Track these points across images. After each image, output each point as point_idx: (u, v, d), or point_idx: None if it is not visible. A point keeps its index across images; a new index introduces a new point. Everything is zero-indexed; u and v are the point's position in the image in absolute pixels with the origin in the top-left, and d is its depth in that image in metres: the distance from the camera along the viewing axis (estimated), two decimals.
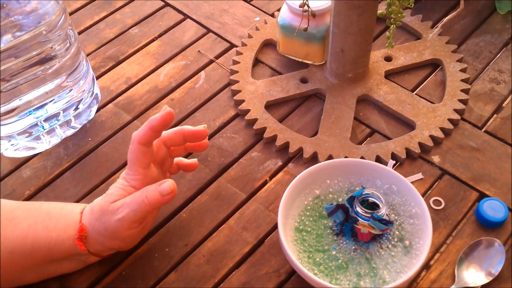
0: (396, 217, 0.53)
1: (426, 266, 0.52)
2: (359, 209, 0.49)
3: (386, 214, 0.51)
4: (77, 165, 0.62)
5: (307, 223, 0.53)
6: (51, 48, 0.57)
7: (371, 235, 0.50)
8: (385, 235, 0.51)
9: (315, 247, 0.51)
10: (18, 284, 0.51)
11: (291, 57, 0.70)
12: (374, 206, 0.51)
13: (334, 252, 0.51)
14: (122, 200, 0.48)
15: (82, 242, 0.48)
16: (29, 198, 0.59)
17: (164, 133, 0.52)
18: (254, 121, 0.64)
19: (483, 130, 0.63)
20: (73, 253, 0.49)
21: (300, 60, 0.70)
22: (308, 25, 0.62)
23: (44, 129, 0.62)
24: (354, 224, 0.50)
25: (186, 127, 0.52)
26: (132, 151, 0.49)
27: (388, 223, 0.49)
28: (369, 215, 0.49)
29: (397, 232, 0.52)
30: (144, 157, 0.49)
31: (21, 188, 0.60)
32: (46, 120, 0.62)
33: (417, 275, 0.52)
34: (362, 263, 0.50)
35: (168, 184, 0.48)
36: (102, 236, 0.48)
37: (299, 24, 0.63)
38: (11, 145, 0.61)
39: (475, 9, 0.74)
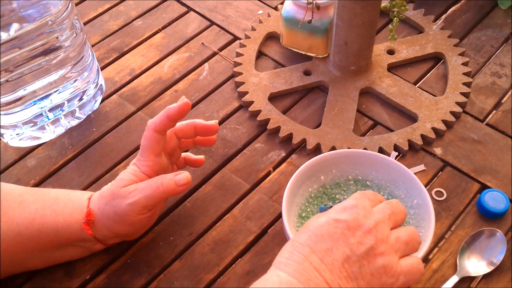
0: None
1: (428, 256, 0.53)
2: None
3: None
4: (81, 155, 0.62)
5: (309, 210, 0.54)
6: (57, 38, 0.57)
7: None
8: None
9: None
10: (23, 269, 0.51)
11: (294, 50, 0.70)
12: None
13: None
14: (135, 185, 0.49)
15: (89, 226, 0.49)
16: (34, 187, 0.60)
17: (176, 124, 0.52)
18: (257, 112, 0.64)
19: (484, 122, 0.64)
20: (79, 238, 0.50)
21: (303, 52, 0.70)
22: (312, 17, 0.63)
23: (49, 119, 0.63)
24: None
25: (198, 121, 0.53)
26: (147, 137, 0.50)
27: None
28: None
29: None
30: (157, 144, 0.50)
31: (26, 178, 0.60)
32: (50, 110, 0.62)
33: None
34: None
35: (185, 175, 0.49)
36: (111, 220, 0.49)
37: (303, 17, 0.64)
38: (16, 134, 0.62)
39: (477, 3, 0.75)
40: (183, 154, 0.57)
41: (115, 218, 0.48)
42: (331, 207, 0.47)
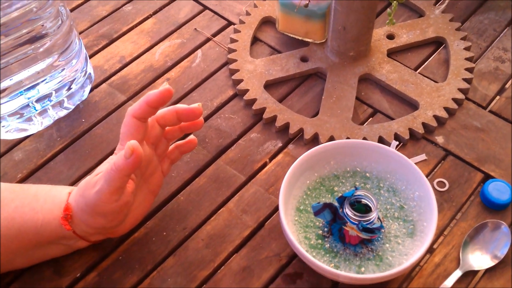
0: (399, 199, 0.51)
1: (430, 249, 0.51)
2: (348, 211, 0.47)
3: (378, 218, 0.48)
4: (70, 147, 0.60)
5: (307, 202, 0.52)
6: (42, 26, 0.55)
7: (359, 238, 0.48)
8: (378, 234, 0.48)
9: (315, 228, 0.50)
10: (9, 268, 0.49)
11: (291, 35, 0.68)
12: (367, 207, 0.48)
13: None
14: (102, 173, 0.46)
15: (67, 221, 0.46)
16: (21, 181, 0.57)
17: (158, 112, 0.50)
18: (253, 101, 0.62)
19: (487, 109, 0.61)
20: (60, 235, 0.47)
21: (300, 38, 0.67)
22: (309, 1, 0.60)
23: (36, 110, 0.60)
24: (343, 225, 0.48)
25: (179, 106, 0.50)
26: (126, 123, 0.47)
27: (376, 230, 0.47)
28: (357, 221, 0.46)
29: (401, 214, 0.50)
30: (136, 131, 0.47)
31: (13, 171, 0.58)
32: (38, 101, 0.60)
33: (421, 258, 0.51)
34: (364, 247, 0.49)
35: (127, 145, 0.44)
36: (85, 213, 0.46)
37: (299, 1, 0.61)
38: (2, 126, 0.59)
39: None
40: (174, 145, 0.54)
41: (87, 210, 0.46)
42: (323, 204, 0.45)
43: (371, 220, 0.47)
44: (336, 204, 0.48)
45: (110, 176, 0.45)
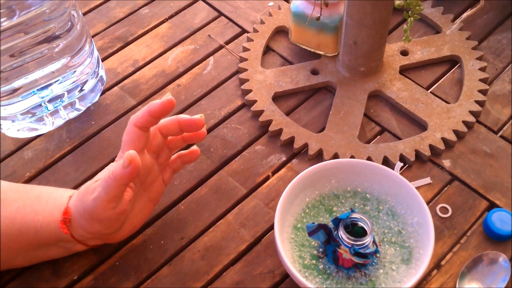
0: (397, 224, 0.51)
1: (427, 277, 0.51)
2: (342, 234, 0.46)
3: (373, 242, 0.48)
4: (78, 149, 0.61)
5: (305, 221, 0.52)
6: (55, 27, 0.56)
7: (353, 262, 0.47)
8: (371, 259, 0.48)
9: (311, 248, 0.50)
10: (10, 266, 0.51)
11: (303, 47, 0.67)
12: (365, 230, 0.47)
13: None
14: (100, 181, 0.47)
15: (66, 225, 0.47)
16: (29, 180, 0.59)
17: (160, 121, 0.50)
18: (260, 112, 0.62)
19: (498, 134, 0.60)
20: (58, 237, 0.48)
21: (312, 50, 0.67)
22: (320, 14, 0.60)
23: (48, 110, 0.62)
24: (337, 247, 0.47)
25: (182, 116, 0.50)
26: (127, 132, 0.48)
27: (370, 255, 0.46)
28: (351, 245, 0.46)
29: (399, 240, 0.50)
30: (138, 140, 0.48)
31: (22, 170, 0.60)
32: (50, 101, 0.61)
33: (416, 286, 0.50)
34: (357, 271, 0.48)
35: (126, 154, 0.45)
36: (83, 218, 0.47)
37: (311, 13, 0.60)
38: (13, 124, 0.61)
39: (500, 3, 0.70)
40: (176, 154, 0.54)
41: (85, 215, 0.47)
42: (318, 225, 0.45)
43: (365, 245, 0.46)
44: (332, 225, 0.48)
45: (107, 184, 0.45)
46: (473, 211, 0.54)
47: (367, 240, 0.46)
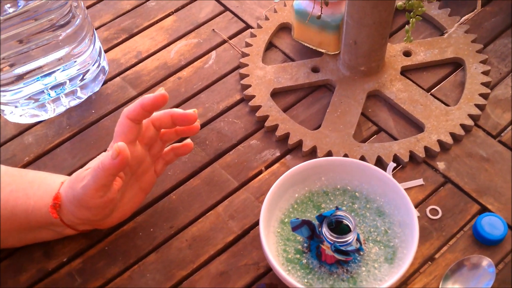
0: (384, 223, 0.51)
1: (411, 276, 0.50)
2: (325, 231, 0.46)
3: (357, 240, 0.48)
4: (77, 136, 0.62)
5: (292, 216, 0.52)
6: (56, 18, 0.57)
7: (336, 258, 0.47)
8: (354, 259, 0.48)
9: (296, 242, 0.50)
10: (1, 246, 0.52)
11: (305, 44, 0.67)
12: (348, 228, 0.47)
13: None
14: (90, 169, 0.48)
15: (56, 210, 0.48)
16: (28, 164, 0.60)
17: (154, 113, 0.51)
18: (257, 108, 0.62)
19: (497, 139, 0.59)
20: (48, 221, 0.50)
21: (314, 47, 0.67)
22: (321, 13, 0.60)
23: (51, 97, 0.63)
24: (320, 243, 0.47)
25: (175, 110, 0.51)
26: (119, 123, 0.49)
27: (351, 252, 0.46)
28: (332, 241, 0.46)
29: (384, 239, 0.50)
30: (129, 132, 0.49)
31: (22, 154, 0.61)
32: (52, 88, 0.62)
33: (399, 285, 0.50)
34: (340, 267, 0.48)
35: (115, 146, 0.45)
36: (72, 204, 0.48)
37: (312, 11, 0.60)
38: (15, 109, 0.62)
39: (509, 6, 0.69)
40: (169, 146, 0.55)
41: (74, 202, 0.48)
42: (302, 221, 0.45)
43: (348, 242, 0.46)
44: (316, 222, 0.48)
45: (96, 173, 0.46)
46: (464, 214, 0.54)
47: (349, 237, 0.46)
